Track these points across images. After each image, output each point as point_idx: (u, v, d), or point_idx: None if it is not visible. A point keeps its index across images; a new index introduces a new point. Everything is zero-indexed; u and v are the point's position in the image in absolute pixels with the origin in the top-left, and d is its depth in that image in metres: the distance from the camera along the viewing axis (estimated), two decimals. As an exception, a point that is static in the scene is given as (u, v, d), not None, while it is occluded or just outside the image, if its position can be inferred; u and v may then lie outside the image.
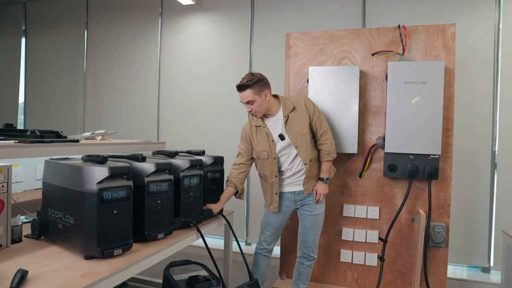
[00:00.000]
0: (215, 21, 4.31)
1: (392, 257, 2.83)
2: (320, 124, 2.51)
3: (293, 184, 2.54)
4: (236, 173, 2.51)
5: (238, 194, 2.50)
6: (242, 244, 4.02)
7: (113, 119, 4.76)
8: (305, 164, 2.47)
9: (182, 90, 4.44)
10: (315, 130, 2.52)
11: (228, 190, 2.46)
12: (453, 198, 2.77)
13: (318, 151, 2.55)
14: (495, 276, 3.36)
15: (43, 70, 5.18)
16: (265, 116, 2.49)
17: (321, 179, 2.53)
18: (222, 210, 2.37)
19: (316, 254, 2.64)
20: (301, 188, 2.53)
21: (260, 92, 2.38)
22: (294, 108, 2.48)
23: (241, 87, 2.37)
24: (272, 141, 2.46)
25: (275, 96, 2.51)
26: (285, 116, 2.45)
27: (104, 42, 4.83)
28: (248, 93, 2.35)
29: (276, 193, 2.51)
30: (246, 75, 2.41)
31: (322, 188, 2.52)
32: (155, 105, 4.57)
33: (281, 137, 2.46)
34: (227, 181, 2.48)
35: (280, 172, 2.52)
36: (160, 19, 4.53)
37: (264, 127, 2.48)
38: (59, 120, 5.01)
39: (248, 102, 2.38)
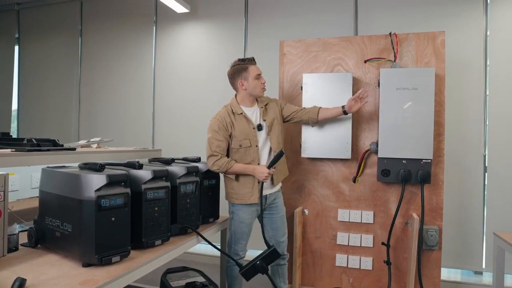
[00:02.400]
0: (210, 29, 4.35)
1: (386, 261, 2.85)
2: (292, 106, 2.72)
3: (265, 188, 2.50)
4: (228, 159, 2.44)
5: None
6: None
7: (107, 127, 4.76)
8: (274, 152, 2.49)
9: (177, 97, 4.46)
10: (289, 112, 2.66)
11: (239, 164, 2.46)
12: (445, 201, 2.82)
13: (306, 112, 2.67)
14: (488, 278, 3.40)
15: (37, 78, 5.17)
16: (244, 105, 2.54)
17: (342, 107, 2.62)
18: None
19: (286, 250, 2.72)
20: (270, 191, 2.54)
21: None
22: (268, 103, 2.62)
23: (253, 60, 2.58)
24: (254, 128, 2.49)
25: None
26: (262, 107, 2.55)
27: (98, 49, 4.84)
28: None
29: (259, 182, 2.42)
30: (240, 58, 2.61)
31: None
32: (150, 112, 4.58)
33: (259, 127, 2.51)
34: (230, 161, 2.42)
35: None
36: (154, 27, 4.56)
37: (243, 114, 2.50)
38: (53, 128, 5.00)
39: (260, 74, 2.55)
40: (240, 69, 2.50)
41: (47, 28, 5.12)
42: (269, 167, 2.39)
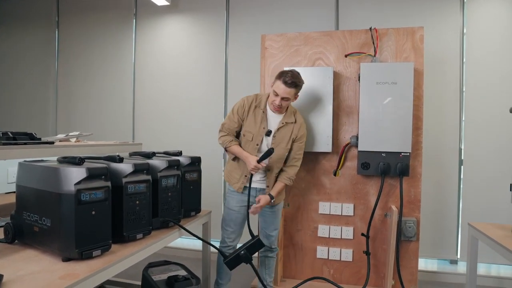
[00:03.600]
0: (191, 22, 4.30)
1: (366, 252, 2.91)
2: (299, 151, 2.58)
3: (258, 182, 2.56)
4: (231, 138, 2.57)
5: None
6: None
7: (86, 121, 4.67)
8: (268, 171, 2.53)
9: (157, 90, 4.41)
10: (292, 153, 2.57)
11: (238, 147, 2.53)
12: (422, 194, 2.88)
13: (281, 172, 2.58)
14: (462, 267, 3.51)
15: (11, 71, 5.01)
16: (271, 108, 2.53)
17: (270, 196, 2.51)
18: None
19: (277, 245, 2.74)
20: (259, 185, 2.57)
21: (296, 95, 2.47)
22: (293, 122, 2.55)
23: (292, 84, 2.37)
24: (264, 128, 2.50)
25: None
26: (282, 123, 2.51)
27: (76, 42, 4.73)
28: (291, 92, 2.40)
29: (246, 176, 2.52)
30: (294, 72, 2.42)
31: (264, 201, 2.49)
32: (130, 106, 4.52)
33: (268, 133, 2.51)
34: (231, 141, 2.55)
35: None
36: (134, 20, 4.48)
37: (264, 112, 2.52)
38: (30, 123, 4.87)
39: (284, 98, 2.40)
40: (275, 76, 2.47)
41: (22, 20, 4.96)
42: (258, 161, 2.42)
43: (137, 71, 4.50)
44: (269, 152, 2.41)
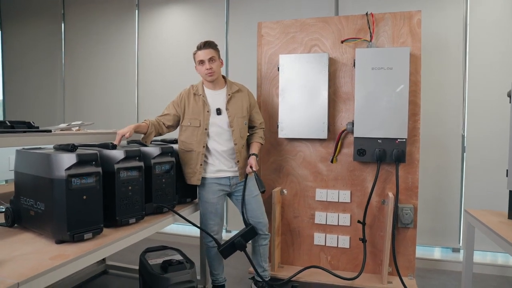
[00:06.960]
0: (192, 12, 4.32)
1: (363, 239, 2.93)
2: (259, 115, 2.72)
3: (228, 171, 2.52)
4: (157, 120, 2.54)
5: (146, 135, 2.43)
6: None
7: (93, 110, 4.75)
8: (235, 145, 2.50)
9: (160, 80, 4.46)
10: (253, 120, 2.68)
11: (143, 125, 2.43)
12: (425, 181, 2.85)
13: (252, 134, 2.68)
14: (464, 255, 3.50)
15: (20, 64, 5.13)
16: (208, 87, 2.55)
17: (254, 155, 2.56)
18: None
19: (268, 230, 2.70)
20: (235, 174, 2.54)
21: (219, 56, 2.53)
22: (238, 91, 2.58)
23: (207, 45, 2.46)
24: (208, 111, 2.48)
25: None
26: (229, 95, 2.53)
27: (81, 34, 4.80)
28: (211, 51, 2.46)
29: (201, 164, 2.46)
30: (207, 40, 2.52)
31: (254, 162, 2.53)
32: (134, 95, 4.58)
33: (218, 111, 2.50)
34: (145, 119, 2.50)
35: (208, 149, 2.49)
36: (137, 11, 4.52)
37: (203, 96, 2.52)
38: (39, 113, 4.99)
39: (210, 59, 2.44)
40: (193, 55, 2.54)
41: (29, 13, 5.05)
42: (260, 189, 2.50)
43: (140, 60, 4.55)
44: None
